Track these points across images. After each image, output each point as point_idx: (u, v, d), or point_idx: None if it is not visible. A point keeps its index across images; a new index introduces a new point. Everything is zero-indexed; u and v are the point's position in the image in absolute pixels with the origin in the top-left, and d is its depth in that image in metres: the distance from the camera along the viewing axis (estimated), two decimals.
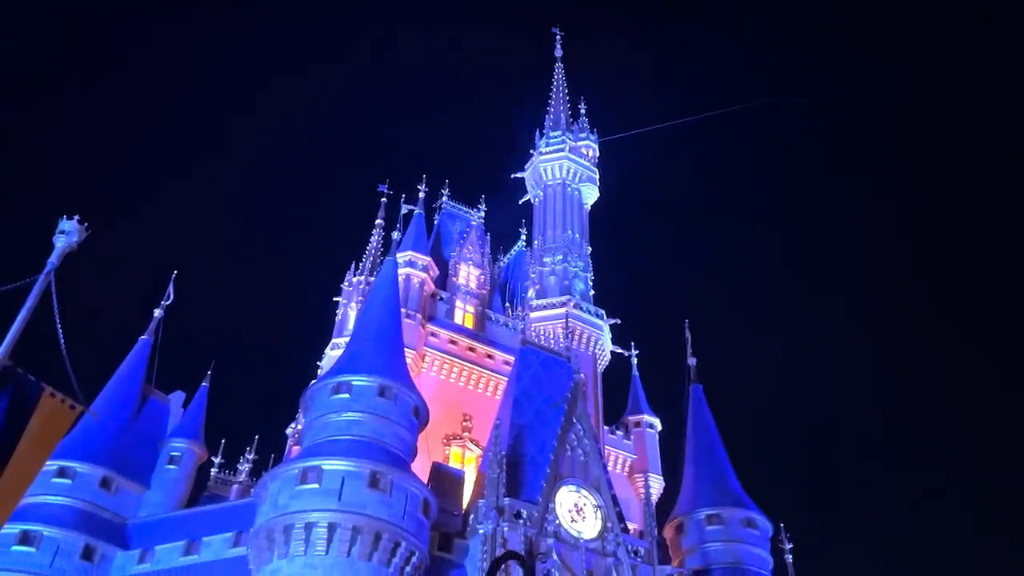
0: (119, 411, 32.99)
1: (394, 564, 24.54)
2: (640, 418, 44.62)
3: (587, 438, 30.80)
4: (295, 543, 24.18)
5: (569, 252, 45.73)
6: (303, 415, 30.15)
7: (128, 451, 31.94)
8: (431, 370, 38.62)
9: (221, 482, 42.91)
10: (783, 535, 36.77)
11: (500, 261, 50.37)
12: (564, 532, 27.60)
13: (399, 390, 28.40)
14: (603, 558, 27.76)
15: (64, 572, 27.28)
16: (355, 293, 45.48)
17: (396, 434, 27.67)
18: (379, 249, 47.32)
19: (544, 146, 51.09)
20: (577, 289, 44.25)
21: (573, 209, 48.32)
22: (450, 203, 49.91)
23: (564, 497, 28.60)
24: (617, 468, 41.47)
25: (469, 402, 38.43)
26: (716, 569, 31.69)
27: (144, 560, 28.61)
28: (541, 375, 33.82)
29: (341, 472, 25.27)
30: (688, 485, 35.26)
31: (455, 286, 42.68)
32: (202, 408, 36.17)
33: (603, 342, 43.15)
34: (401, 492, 25.70)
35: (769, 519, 33.82)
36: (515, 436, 30.52)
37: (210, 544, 28.45)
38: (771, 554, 33.38)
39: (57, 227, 10.13)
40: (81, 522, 28.63)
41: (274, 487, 25.88)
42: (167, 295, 38.60)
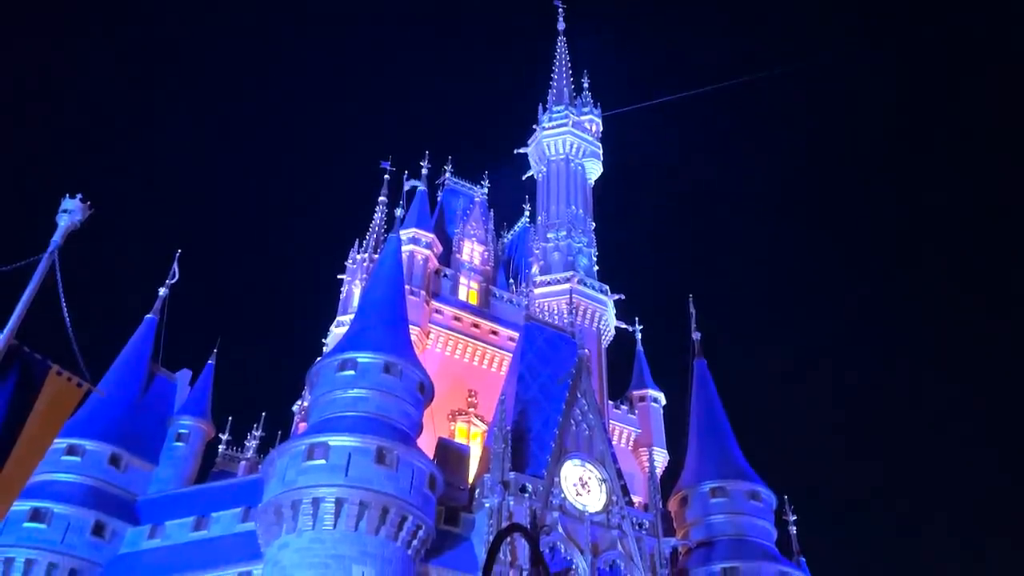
0: (126, 389, 33.22)
1: (401, 538, 24.81)
2: (644, 393, 44.80)
3: (591, 413, 30.95)
4: (303, 518, 24.44)
5: (573, 228, 45.61)
6: (309, 392, 30.32)
7: (136, 429, 32.21)
8: (436, 347, 38.74)
9: (229, 459, 43.31)
10: (787, 507, 37.08)
11: (504, 237, 50.30)
12: (569, 505, 27.83)
13: (404, 366, 28.51)
14: (608, 530, 28.02)
15: (75, 548, 27.65)
16: (359, 270, 45.52)
17: (402, 410, 27.84)
18: (382, 226, 47.28)
19: (547, 121, 50.77)
20: (581, 265, 44.20)
21: (577, 184, 48.13)
22: (453, 179, 49.75)
23: (569, 471, 28.81)
24: (622, 442, 41.71)
25: (474, 378, 38.60)
26: (720, 541, 31.94)
27: (154, 536, 28.96)
28: (545, 351, 33.91)
29: (348, 448, 25.47)
30: (692, 458, 35.46)
31: (459, 263, 42.68)
32: (208, 386, 36.39)
33: (607, 318, 43.19)
34: (407, 467, 25.90)
35: (773, 491, 34.02)
36: (520, 411, 30.68)
37: (219, 520, 28.78)
38: (775, 526, 33.62)
39: (60, 206, 10.13)
40: (91, 499, 28.95)
41: (281, 463, 26.10)
42: (172, 274, 38.70)
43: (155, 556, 28.02)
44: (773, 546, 32.63)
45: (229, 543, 27.66)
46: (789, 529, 36.59)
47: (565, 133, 49.65)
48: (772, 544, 32.67)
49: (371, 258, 44.97)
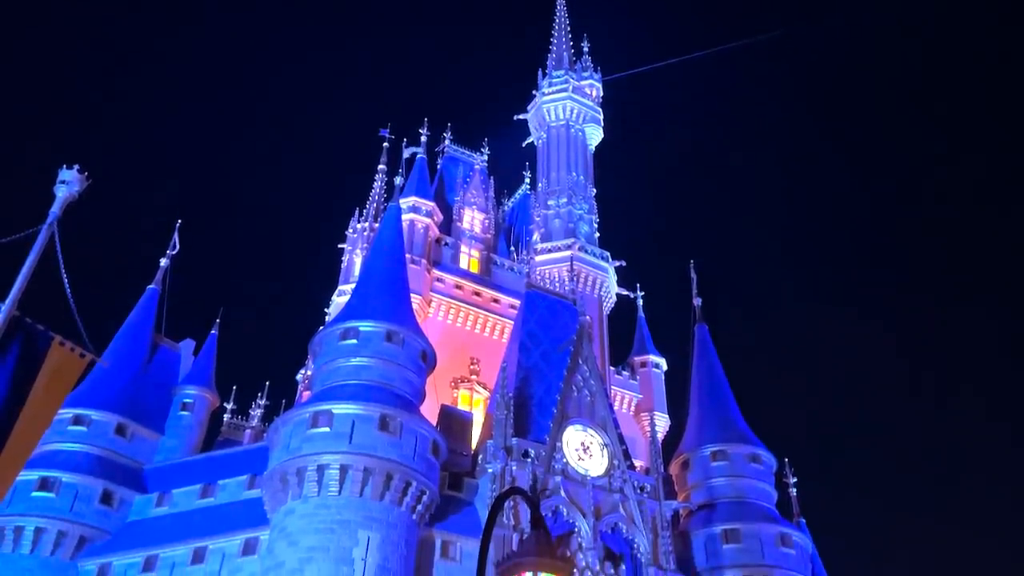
0: (130, 360, 33.40)
1: (406, 503, 25.11)
2: (646, 358, 44.99)
3: (593, 379, 31.11)
4: (308, 484, 24.73)
5: (573, 194, 45.39)
6: (312, 361, 30.48)
7: (141, 399, 32.46)
8: (438, 315, 38.84)
9: (234, 427, 43.71)
10: (787, 469, 37.46)
11: (504, 205, 50.10)
12: (571, 470, 28.11)
13: (406, 335, 28.62)
14: (610, 494, 28.33)
15: (84, 516, 28.04)
16: (360, 239, 45.46)
17: (404, 378, 28.00)
18: (382, 195, 47.07)
19: (547, 86, 50.25)
20: (582, 232, 44.08)
21: (577, 150, 47.78)
22: (453, 147, 49.42)
23: (571, 436, 29.05)
24: (623, 408, 42.00)
25: (476, 346, 38.75)
26: (721, 503, 32.30)
27: (162, 503, 29.35)
28: (547, 318, 33.98)
29: (351, 416, 25.67)
30: (693, 423, 35.72)
31: (460, 231, 42.59)
32: (212, 355, 36.57)
33: (608, 284, 43.19)
34: (411, 434, 26.13)
35: (773, 454, 34.33)
36: (522, 378, 30.84)
37: (226, 487, 29.13)
38: (775, 488, 33.97)
39: (57, 177, 10.08)
40: (98, 467, 29.29)
41: (286, 431, 26.34)
42: (172, 244, 38.66)
43: (163, 523, 28.43)
44: (773, 508, 33.01)
45: (236, 510, 28.04)
46: (789, 491, 37.01)
47: (565, 99, 49.18)
48: (772, 506, 33.05)
49: (371, 227, 44.87)
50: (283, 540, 24.28)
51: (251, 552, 26.30)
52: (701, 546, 31.28)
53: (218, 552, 26.71)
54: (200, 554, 26.76)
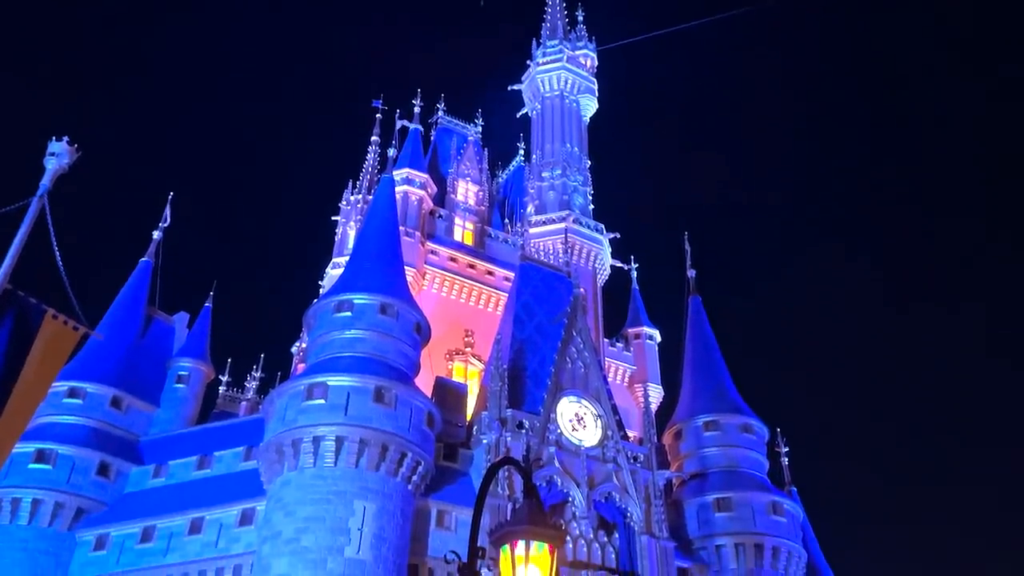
0: (124, 333, 33.41)
1: (401, 474, 25.33)
2: (640, 330, 45.16)
3: (587, 351, 31.25)
4: (304, 456, 24.91)
5: (568, 166, 45.20)
6: (307, 333, 30.53)
7: (136, 371, 32.53)
8: (432, 287, 38.86)
9: (229, 400, 43.91)
10: (779, 439, 37.87)
11: (498, 177, 49.88)
12: (565, 440, 28.35)
13: (400, 307, 28.66)
14: (603, 464, 28.62)
15: (81, 487, 28.24)
16: (353, 212, 45.30)
17: (399, 350, 28.09)
18: (376, 167, 46.84)
19: (541, 56, 49.78)
20: (576, 204, 43.97)
21: (571, 122, 47.48)
22: (446, 118, 49.07)
23: (565, 407, 29.25)
24: (617, 379, 42.25)
25: (470, 318, 38.83)
26: (713, 473, 32.68)
27: (159, 475, 29.56)
28: (541, 290, 34.03)
29: (346, 388, 25.78)
30: (686, 393, 36.00)
31: (454, 203, 42.45)
32: (206, 328, 36.60)
33: (603, 256, 43.20)
34: (406, 406, 26.28)
35: (765, 424, 34.66)
36: (516, 350, 30.97)
37: (222, 459, 29.33)
38: (767, 458, 34.36)
39: (47, 149, 10.01)
40: (95, 440, 29.44)
41: (281, 403, 26.46)
42: (164, 217, 38.49)
43: (160, 494, 28.66)
44: (765, 477, 33.41)
45: (232, 481, 28.26)
46: (781, 460, 37.45)
47: (559, 69, 48.75)
48: (764, 475, 33.45)
49: (365, 199, 44.69)
50: (280, 510, 24.51)
51: (248, 522, 26.56)
52: (693, 514, 31.70)
53: (215, 523, 26.96)
54: (197, 524, 27.02)
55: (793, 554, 31.00)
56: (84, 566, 27.29)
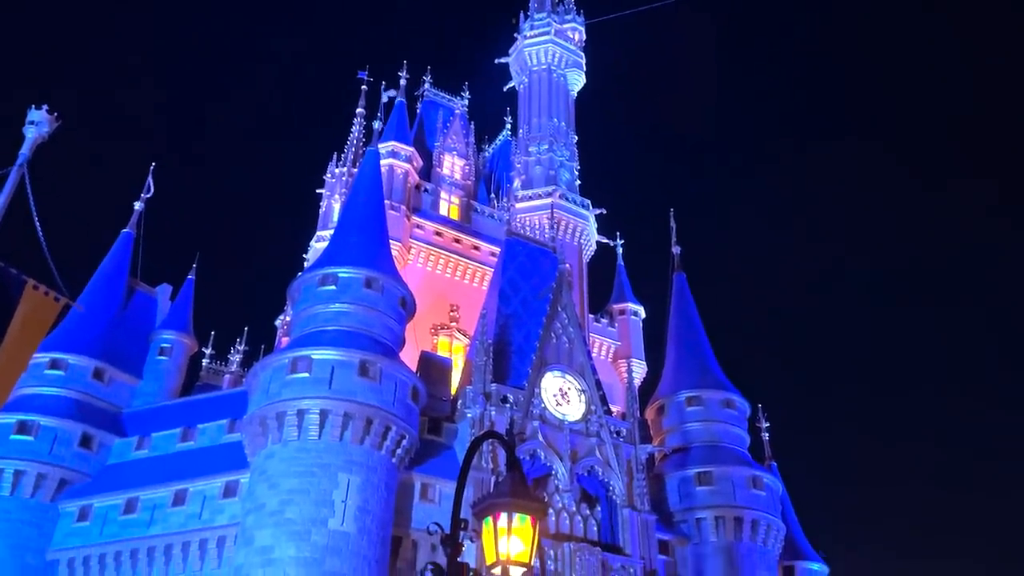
0: (106, 304, 33.15)
1: (386, 447, 25.44)
2: (624, 306, 45.37)
3: (572, 326, 31.37)
4: (288, 429, 24.93)
5: (555, 141, 45.02)
6: (291, 307, 30.43)
7: (118, 343, 32.33)
8: (417, 262, 38.78)
9: (213, 372, 43.79)
10: (760, 415, 38.37)
11: (485, 151, 49.62)
12: (549, 415, 28.55)
13: (385, 281, 28.59)
14: (586, 438, 28.87)
15: (64, 459, 28.17)
16: (338, 184, 44.96)
17: (384, 324, 28.07)
18: (361, 139, 46.40)
19: (528, 29, 49.30)
20: (563, 179, 43.87)
21: (559, 96, 47.21)
22: (432, 91, 48.65)
23: (549, 382, 29.41)
24: (601, 355, 42.50)
25: (455, 293, 38.83)
26: (695, 447, 33.08)
27: (142, 447, 29.52)
28: (527, 266, 34.05)
29: (331, 361, 25.77)
30: (670, 369, 36.29)
31: (439, 177, 42.23)
32: (189, 300, 36.38)
33: (589, 232, 43.23)
34: (390, 380, 26.32)
35: (747, 400, 35.06)
36: (501, 325, 31.04)
37: (205, 431, 29.31)
38: (748, 433, 34.80)
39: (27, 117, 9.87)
40: (77, 411, 29.32)
41: (265, 376, 26.43)
42: (147, 188, 38.08)
43: (143, 466, 28.65)
44: (746, 452, 33.87)
45: (216, 453, 28.28)
46: (762, 436, 37.96)
47: (547, 42, 48.33)
48: (745, 450, 33.90)
49: (350, 172, 44.34)
50: (264, 483, 24.58)
51: (232, 494, 26.62)
52: (675, 488, 32.12)
53: (199, 494, 27.01)
54: (181, 496, 27.06)
55: (772, 527, 31.53)
56: (67, 536, 27.32)
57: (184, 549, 26.24)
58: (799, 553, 35.16)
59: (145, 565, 26.39)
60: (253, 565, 23.10)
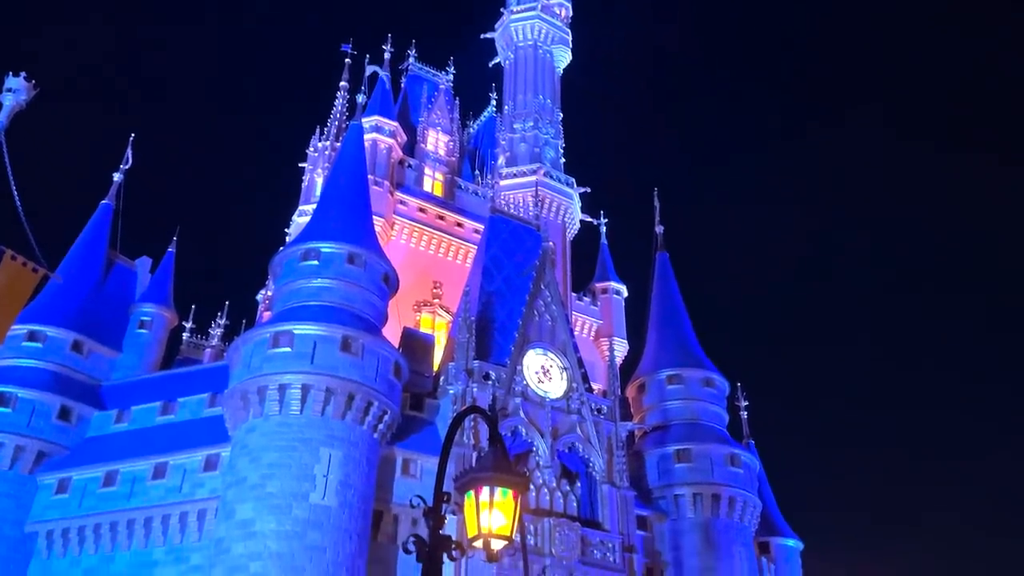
0: (85, 276, 32.78)
1: (367, 422, 25.49)
2: (607, 285, 45.54)
3: (555, 304, 31.45)
4: (270, 403, 24.89)
5: (540, 118, 44.82)
6: (273, 281, 30.26)
7: (97, 316, 32.01)
8: (400, 238, 38.62)
9: (193, 346, 43.54)
10: (740, 393, 38.82)
11: (469, 127, 49.29)
12: (531, 392, 28.70)
13: (368, 257, 28.47)
14: (568, 415, 29.08)
15: (42, 431, 27.98)
16: (321, 159, 44.54)
17: (366, 300, 27.99)
18: (344, 113, 45.92)
19: (515, 4, 48.84)
20: (547, 157, 43.75)
21: (545, 73, 46.92)
22: (417, 65, 48.17)
23: (531, 360, 29.53)
24: (584, 333, 42.69)
25: (439, 270, 38.75)
26: (675, 425, 33.44)
27: (121, 420, 29.36)
28: (510, 243, 34.02)
29: (313, 336, 25.70)
30: (651, 348, 36.57)
31: (423, 153, 41.94)
32: (170, 273, 36.05)
33: (573, 211, 43.23)
34: (373, 355, 26.31)
35: (726, 379, 35.42)
36: (484, 303, 31.06)
37: (186, 404, 29.19)
38: (727, 411, 35.22)
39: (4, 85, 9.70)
40: (55, 384, 29.08)
41: (246, 350, 26.32)
42: (126, 159, 37.54)
43: (123, 439, 28.52)
44: (724, 430, 34.29)
45: (196, 427, 28.20)
46: (740, 414, 38.44)
47: (534, 18, 47.93)
48: (724, 428, 34.32)
49: (333, 146, 43.92)
50: (245, 456, 24.57)
51: (212, 468, 26.59)
52: (654, 465, 32.51)
53: (179, 468, 26.96)
54: (161, 469, 27.00)
55: (749, 504, 32.03)
56: (46, 509, 27.21)
57: (164, 522, 26.23)
58: (775, 529, 35.79)
59: (125, 538, 26.37)
60: (234, 538, 23.14)
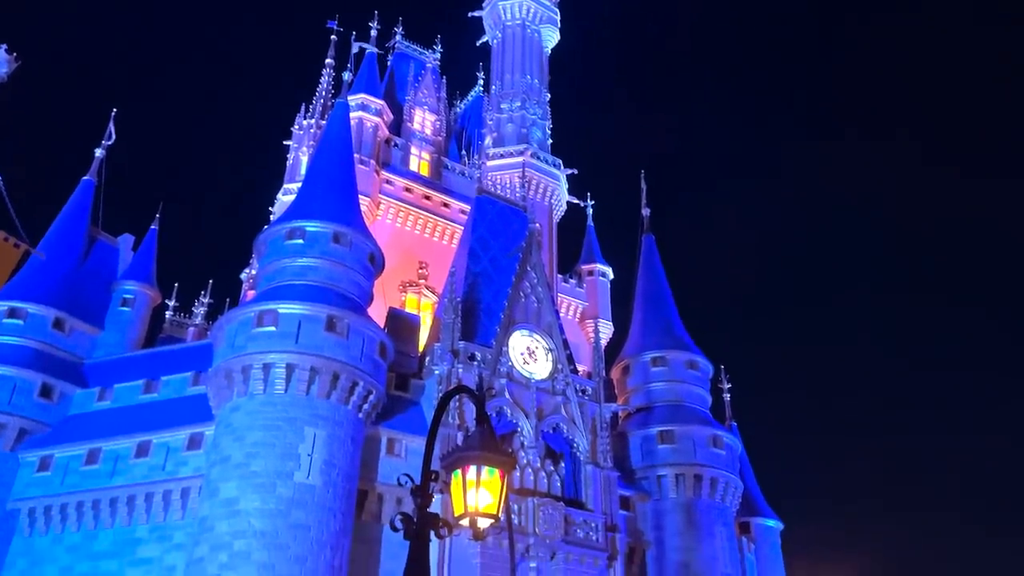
0: (66, 253, 32.41)
1: (352, 402, 25.48)
2: (593, 267, 45.62)
3: (541, 286, 31.47)
4: (254, 382, 24.81)
5: (527, 98, 44.59)
6: (257, 260, 30.06)
7: (79, 293, 31.70)
8: (386, 218, 38.42)
9: (176, 325, 43.28)
10: (723, 376, 39.14)
11: (456, 106, 48.95)
12: (516, 373, 28.78)
13: (354, 236, 28.32)
14: (552, 396, 29.21)
15: (23, 408, 27.78)
16: (306, 137, 44.15)
17: (351, 280, 27.88)
18: (329, 91, 45.49)
19: None
20: (535, 137, 43.58)
21: (533, 53, 46.63)
22: (404, 43, 47.72)
23: (517, 341, 29.58)
24: (569, 315, 42.80)
25: (425, 250, 38.63)
26: (658, 406, 33.68)
27: (104, 398, 29.18)
28: (497, 224, 33.95)
29: (297, 316, 25.59)
30: (636, 330, 36.72)
31: (410, 132, 41.65)
32: (152, 251, 35.72)
33: (559, 192, 43.17)
34: (358, 335, 26.25)
35: (710, 361, 35.67)
36: (470, 284, 31.02)
37: (169, 383, 29.05)
38: (711, 393, 35.50)
39: None
40: (36, 361, 28.83)
41: (231, 329, 26.18)
42: (108, 134, 37.04)
43: (105, 417, 28.37)
44: (707, 411, 34.59)
45: (180, 405, 28.08)
46: (724, 396, 38.78)
47: None
48: (707, 410, 34.61)
49: (318, 124, 43.54)
50: (229, 435, 24.52)
51: (196, 447, 26.54)
52: (637, 446, 32.77)
53: (162, 446, 26.88)
54: (144, 448, 26.90)
55: (730, 485, 32.39)
56: (28, 486, 27.08)
57: (147, 500, 26.19)
58: (755, 510, 36.28)
59: (108, 515, 26.30)
60: (218, 516, 23.15)
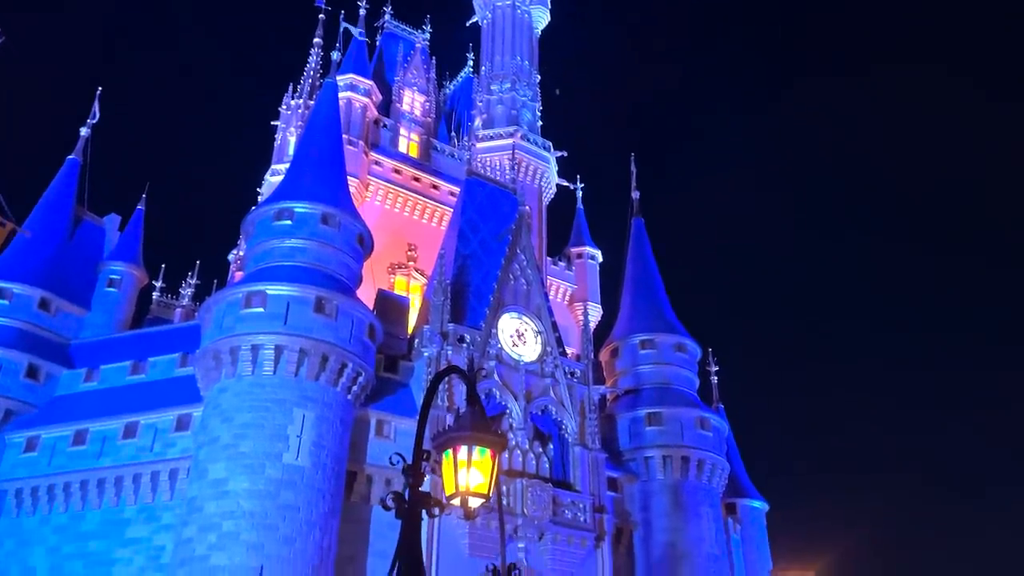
0: (52, 233, 32.12)
1: (341, 384, 25.46)
2: (582, 250, 45.63)
3: (530, 268, 31.47)
4: (242, 364, 24.73)
5: (518, 80, 44.33)
6: (245, 241, 29.87)
7: (65, 273, 31.46)
8: (375, 199, 38.22)
9: (163, 306, 43.00)
10: (711, 359, 39.36)
11: (446, 87, 48.60)
12: (505, 355, 28.83)
13: (343, 217, 28.18)
14: (541, 379, 29.30)
15: (9, 389, 27.64)
16: (294, 117, 43.77)
17: (340, 261, 27.78)
18: (318, 71, 45.05)
19: None
20: (525, 119, 43.39)
21: (523, 34, 46.30)
22: (393, 22, 47.25)
23: (506, 323, 29.61)
24: (558, 297, 42.84)
25: (414, 232, 38.50)
26: (646, 389, 33.88)
27: (91, 379, 29.04)
28: (486, 207, 33.85)
29: (286, 297, 25.49)
30: (624, 313, 36.85)
31: (399, 112, 41.35)
32: (139, 231, 35.46)
33: (549, 175, 43.06)
34: (347, 317, 26.19)
35: (698, 344, 35.86)
36: (460, 266, 30.97)
37: (156, 364, 28.94)
38: (698, 376, 35.73)
39: None
40: (22, 341, 28.65)
41: (218, 310, 26.06)
42: (93, 113, 36.62)
43: (92, 398, 28.25)
44: (695, 394, 34.82)
45: (167, 387, 27.99)
46: (711, 379, 39.03)
47: None
48: (694, 392, 34.85)
49: (306, 104, 43.16)
50: (217, 417, 24.47)
51: (184, 428, 26.48)
52: (625, 428, 32.98)
53: (150, 427, 26.80)
54: (132, 429, 26.82)
55: (717, 466, 32.68)
56: (14, 467, 26.97)
57: (135, 481, 26.14)
58: (741, 491, 36.64)
59: (95, 496, 26.25)
60: (206, 497, 23.14)
